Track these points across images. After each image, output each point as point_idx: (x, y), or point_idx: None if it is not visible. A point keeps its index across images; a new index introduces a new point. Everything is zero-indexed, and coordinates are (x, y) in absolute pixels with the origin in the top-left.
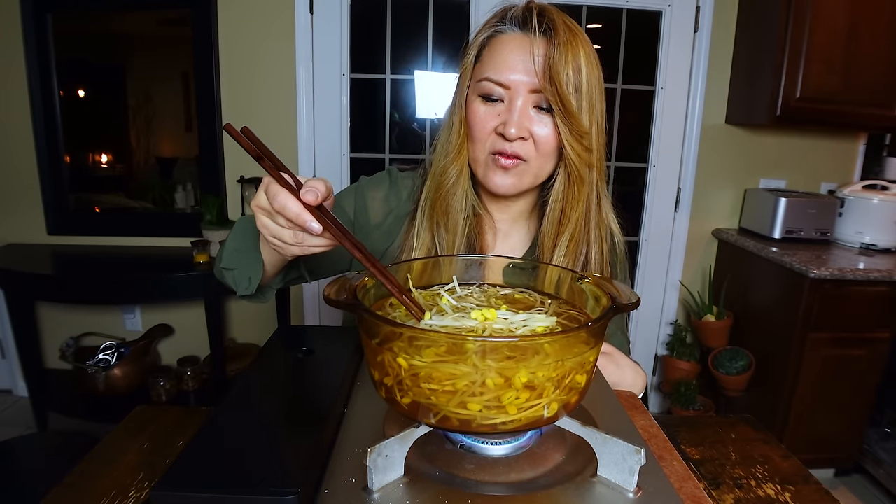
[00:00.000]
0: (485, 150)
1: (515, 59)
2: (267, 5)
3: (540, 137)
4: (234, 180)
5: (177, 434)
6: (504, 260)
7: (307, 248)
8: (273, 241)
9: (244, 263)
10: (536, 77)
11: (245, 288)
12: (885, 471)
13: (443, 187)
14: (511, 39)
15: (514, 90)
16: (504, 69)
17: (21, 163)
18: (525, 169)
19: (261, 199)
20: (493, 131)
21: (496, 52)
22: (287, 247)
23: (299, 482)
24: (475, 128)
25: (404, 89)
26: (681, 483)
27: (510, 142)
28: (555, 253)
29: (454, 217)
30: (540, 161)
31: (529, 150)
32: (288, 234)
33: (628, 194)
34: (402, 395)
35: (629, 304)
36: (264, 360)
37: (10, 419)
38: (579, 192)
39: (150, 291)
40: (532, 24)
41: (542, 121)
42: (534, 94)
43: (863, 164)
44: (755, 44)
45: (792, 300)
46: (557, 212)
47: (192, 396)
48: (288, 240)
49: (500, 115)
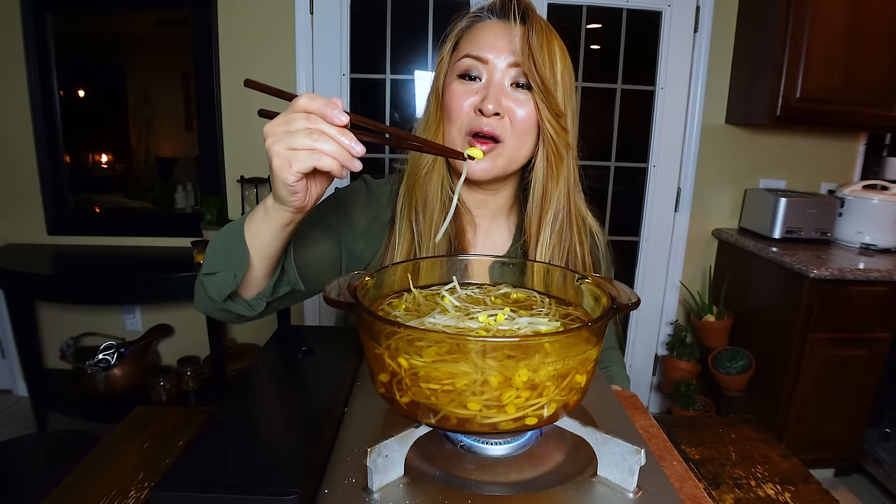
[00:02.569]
0: (461, 131)
1: (494, 37)
2: (267, 5)
3: (517, 115)
4: (234, 180)
5: (177, 434)
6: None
7: (320, 153)
8: (282, 153)
9: (227, 261)
10: (516, 55)
11: (231, 286)
12: (885, 471)
13: (419, 171)
14: (489, 25)
15: (493, 65)
16: (483, 46)
17: (21, 163)
18: (500, 152)
19: (278, 117)
20: (471, 109)
21: (474, 35)
22: (297, 155)
23: (299, 482)
24: (452, 107)
25: (404, 89)
26: (681, 483)
27: (486, 118)
28: (540, 236)
29: (431, 203)
30: (515, 142)
31: (506, 128)
32: (302, 135)
33: (628, 194)
34: (402, 395)
35: (629, 304)
36: (264, 360)
37: (10, 419)
38: (559, 171)
39: (150, 291)
40: (511, 12)
41: (520, 99)
42: (512, 70)
43: (863, 164)
44: (755, 44)
45: (792, 300)
46: (540, 192)
47: (192, 396)
48: (300, 142)
49: (478, 92)
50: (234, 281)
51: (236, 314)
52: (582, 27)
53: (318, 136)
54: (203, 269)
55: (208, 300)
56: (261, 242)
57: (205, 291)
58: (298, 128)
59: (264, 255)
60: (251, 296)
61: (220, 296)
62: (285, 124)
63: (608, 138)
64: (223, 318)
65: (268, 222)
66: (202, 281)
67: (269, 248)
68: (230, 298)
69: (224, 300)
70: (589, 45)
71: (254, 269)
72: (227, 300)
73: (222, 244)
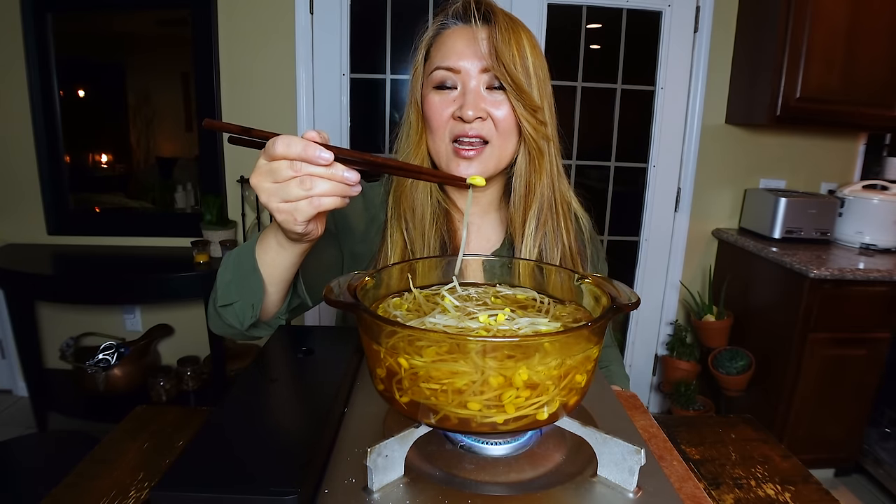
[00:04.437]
0: (445, 139)
1: (462, 45)
2: (267, 5)
3: (497, 116)
4: (234, 180)
5: (177, 434)
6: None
7: (318, 196)
8: (281, 208)
9: (242, 292)
10: (484, 58)
11: (251, 317)
12: (885, 471)
13: (405, 181)
14: (455, 31)
15: (465, 73)
16: (452, 56)
17: (21, 163)
18: (489, 153)
19: (259, 164)
20: (451, 117)
21: (443, 44)
22: (297, 207)
23: (299, 482)
24: (433, 117)
25: (404, 89)
26: (681, 483)
27: (469, 124)
28: (525, 230)
29: (420, 210)
30: (501, 141)
31: (490, 130)
32: (294, 186)
33: (628, 194)
34: (401, 394)
35: (629, 304)
36: (264, 360)
37: (10, 419)
38: (540, 166)
39: (150, 291)
40: (471, 14)
41: (497, 100)
42: (485, 74)
43: (863, 164)
44: (755, 44)
45: (792, 300)
46: (522, 187)
47: (192, 396)
48: (294, 194)
49: (456, 101)
50: (253, 312)
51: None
52: (582, 27)
53: (310, 182)
54: (218, 301)
55: (228, 328)
56: (276, 272)
57: (222, 321)
58: (286, 177)
59: (280, 282)
60: (269, 317)
61: (242, 325)
62: (271, 176)
63: (608, 138)
64: (244, 339)
65: (283, 255)
66: (218, 312)
67: (286, 274)
68: (252, 326)
69: (247, 329)
70: (589, 45)
71: (270, 296)
72: (249, 328)
73: (234, 275)
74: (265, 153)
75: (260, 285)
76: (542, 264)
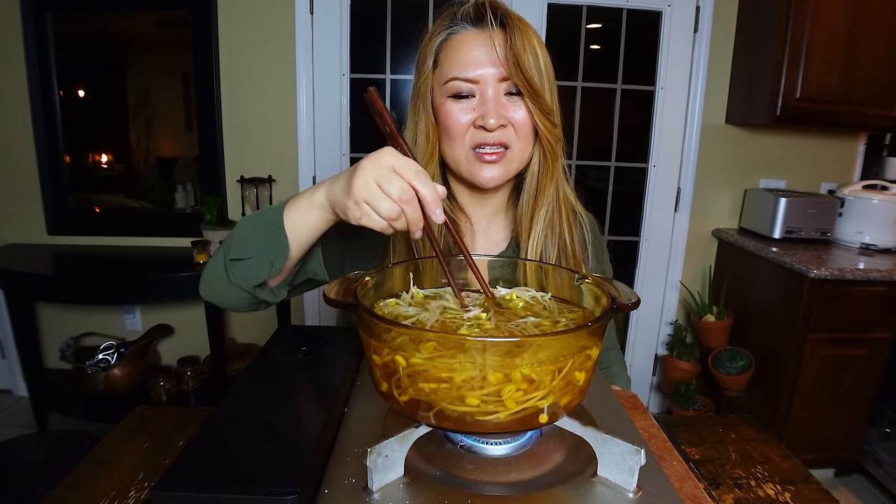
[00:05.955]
0: (465, 146)
1: (478, 53)
2: (267, 5)
3: (517, 121)
4: (234, 180)
5: (177, 434)
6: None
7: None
8: (362, 206)
9: (263, 248)
10: (502, 66)
11: (267, 272)
12: (885, 471)
13: None
14: (468, 37)
15: (484, 83)
16: (469, 66)
17: (21, 163)
18: (510, 157)
19: (382, 160)
20: (471, 125)
21: (455, 51)
22: (373, 217)
23: (299, 482)
24: (451, 126)
25: (404, 89)
26: (681, 483)
27: (491, 132)
28: (532, 231)
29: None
30: (521, 145)
31: (511, 136)
32: (387, 203)
33: (628, 194)
34: (401, 393)
35: (629, 304)
36: (264, 360)
37: (10, 419)
38: (553, 168)
39: (150, 291)
40: (487, 18)
41: (515, 105)
42: (503, 83)
43: (863, 164)
44: (755, 44)
45: (792, 300)
46: (533, 188)
47: (192, 396)
48: (383, 208)
49: (476, 109)
50: (270, 269)
51: (256, 301)
52: (582, 27)
53: (399, 215)
54: (230, 253)
55: (228, 284)
56: (302, 234)
57: (227, 276)
58: (389, 193)
59: (301, 246)
60: (276, 284)
61: (249, 283)
62: (382, 179)
63: (608, 138)
64: (234, 305)
65: (313, 217)
66: (227, 267)
67: (308, 239)
68: (259, 286)
69: (253, 287)
70: (589, 45)
71: (289, 260)
72: (256, 287)
73: (257, 230)
74: (397, 163)
75: (285, 245)
76: (544, 265)
